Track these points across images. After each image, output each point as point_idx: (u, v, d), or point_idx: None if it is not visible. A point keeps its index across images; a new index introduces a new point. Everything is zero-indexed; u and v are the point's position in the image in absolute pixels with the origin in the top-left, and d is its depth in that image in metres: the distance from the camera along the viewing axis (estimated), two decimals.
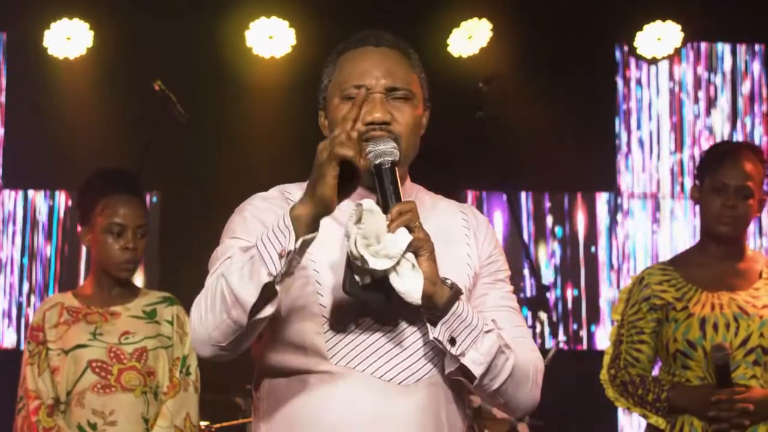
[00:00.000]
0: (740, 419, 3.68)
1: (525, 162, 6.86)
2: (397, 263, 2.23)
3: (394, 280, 2.24)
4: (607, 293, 7.24)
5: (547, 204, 7.27)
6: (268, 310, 2.24)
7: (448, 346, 2.31)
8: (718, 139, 7.03)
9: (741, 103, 7.30)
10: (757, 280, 3.86)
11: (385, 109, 2.43)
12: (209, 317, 2.25)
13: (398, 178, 2.33)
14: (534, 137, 6.88)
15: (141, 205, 4.02)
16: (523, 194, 7.22)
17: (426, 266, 2.27)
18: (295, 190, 2.48)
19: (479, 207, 7.25)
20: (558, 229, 7.27)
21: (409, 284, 2.24)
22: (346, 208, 2.29)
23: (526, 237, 6.03)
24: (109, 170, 4.13)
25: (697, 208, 3.93)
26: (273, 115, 6.94)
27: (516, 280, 7.16)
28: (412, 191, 2.53)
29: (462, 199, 7.22)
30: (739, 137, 7.12)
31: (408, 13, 6.70)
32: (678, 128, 7.31)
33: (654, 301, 3.85)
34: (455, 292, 2.32)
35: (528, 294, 6.95)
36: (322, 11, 6.84)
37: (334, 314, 2.36)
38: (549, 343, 6.81)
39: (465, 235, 2.52)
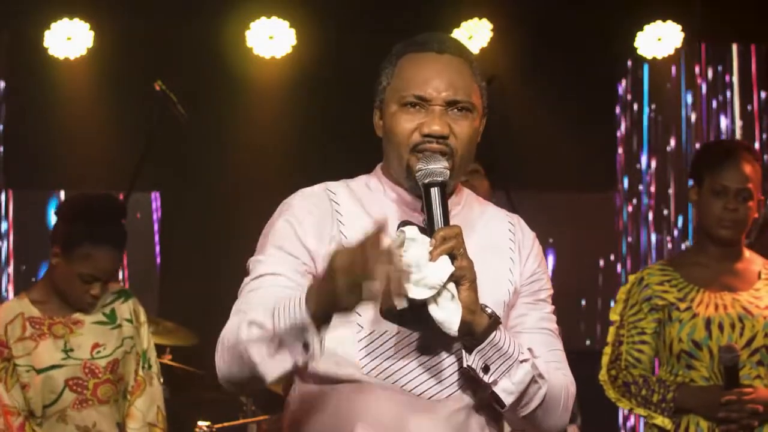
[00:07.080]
0: (749, 420, 3.68)
1: (525, 162, 6.85)
2: (437, 293, 2.21)
3: (433, 310, 2.22)
4: (607, 293, 7.24)
5: (548, 204, 7.27)
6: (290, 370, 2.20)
7: (481, 374, 2.30)
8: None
9: (742, 103, 7.31)
10: (756, 280, 3.85)
11: (444, 122, 2.38)
12: (232, 370, 2.27)
13: (446, 199, 2.31)
14: (534, 137, 6.88)
15: (118, 255, 3.91)
16: (523, 194, 7.20)
17: (466, 296, 2.24)
18: (340, 189, 2.46)
19: None
20: (559, 229, 7.26)
21: (448, 315, 2.22)
22: (392, 217, 2.27)
23: None
24: (95, 208, 3.91)
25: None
26: (273, 115, 6.94)
27: None
28: (462, 197, 2.51)
29: None
30: (738, 137, 7.12)
31: (408, 13, 6.70)
32: (679, 128, 7.31)
33: (655, 301, 3.83)
34: (494, 321, 2.29)
35: None
36: (322, 11, 6.84)
37: (370, 323, 2.34)
38: None
39: (510, 248, 2.49)
